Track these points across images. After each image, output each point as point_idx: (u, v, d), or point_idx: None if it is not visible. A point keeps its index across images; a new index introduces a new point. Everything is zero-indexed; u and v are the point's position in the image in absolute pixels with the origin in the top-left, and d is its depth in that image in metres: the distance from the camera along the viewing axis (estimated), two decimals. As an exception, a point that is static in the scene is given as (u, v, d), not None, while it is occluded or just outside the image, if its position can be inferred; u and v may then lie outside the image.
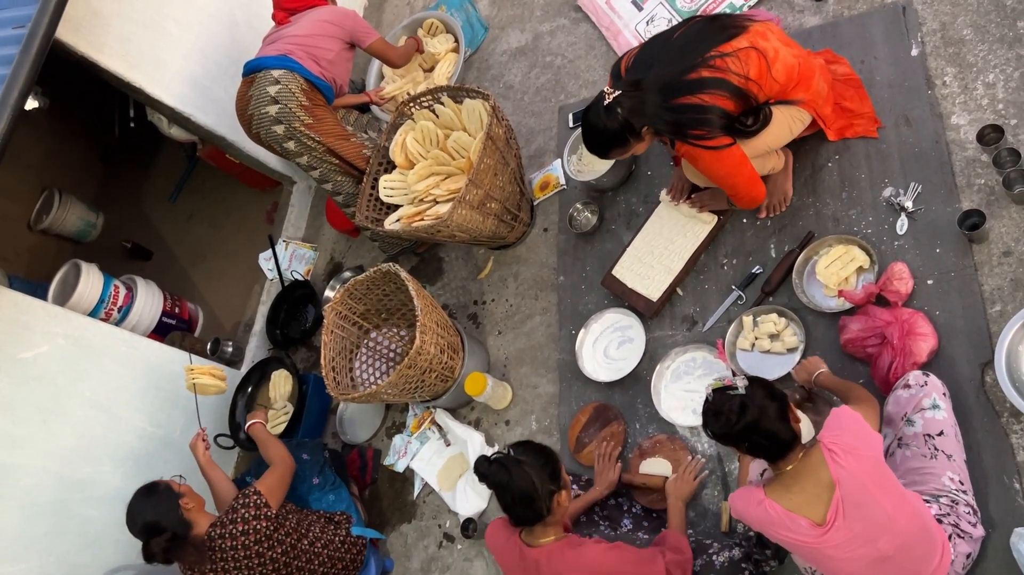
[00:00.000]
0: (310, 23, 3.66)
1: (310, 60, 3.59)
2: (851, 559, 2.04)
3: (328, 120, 3.64)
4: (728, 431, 2.07)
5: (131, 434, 3.57)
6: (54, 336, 3.31)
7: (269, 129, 3.58)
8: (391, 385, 3.01)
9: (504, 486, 2.25)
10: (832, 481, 2.01)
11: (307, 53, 3.59)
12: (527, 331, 3.49)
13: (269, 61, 3.56)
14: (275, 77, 3.52)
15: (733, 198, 2.80)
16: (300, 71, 3.55)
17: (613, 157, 2.75)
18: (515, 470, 2.24)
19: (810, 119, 2.79)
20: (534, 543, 2.34)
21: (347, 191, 3.84)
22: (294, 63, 3.54)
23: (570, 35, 4.00)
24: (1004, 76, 2.74)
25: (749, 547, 2.50)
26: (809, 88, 2.70)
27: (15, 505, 3.16)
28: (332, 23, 3.67)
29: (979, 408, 2.40)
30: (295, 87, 3.52)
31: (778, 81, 2.61)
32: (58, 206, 5.35)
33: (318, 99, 3.62)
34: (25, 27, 2.94)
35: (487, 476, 2.29)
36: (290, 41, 3.61)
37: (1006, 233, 2.56)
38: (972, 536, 2.16)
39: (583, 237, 3.45)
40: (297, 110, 3.53)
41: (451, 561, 3.27)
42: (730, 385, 2.10)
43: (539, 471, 2.25)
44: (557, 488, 2.28)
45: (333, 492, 3.34)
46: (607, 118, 2.57)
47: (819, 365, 2.52)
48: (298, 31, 3.64)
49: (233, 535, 2.85)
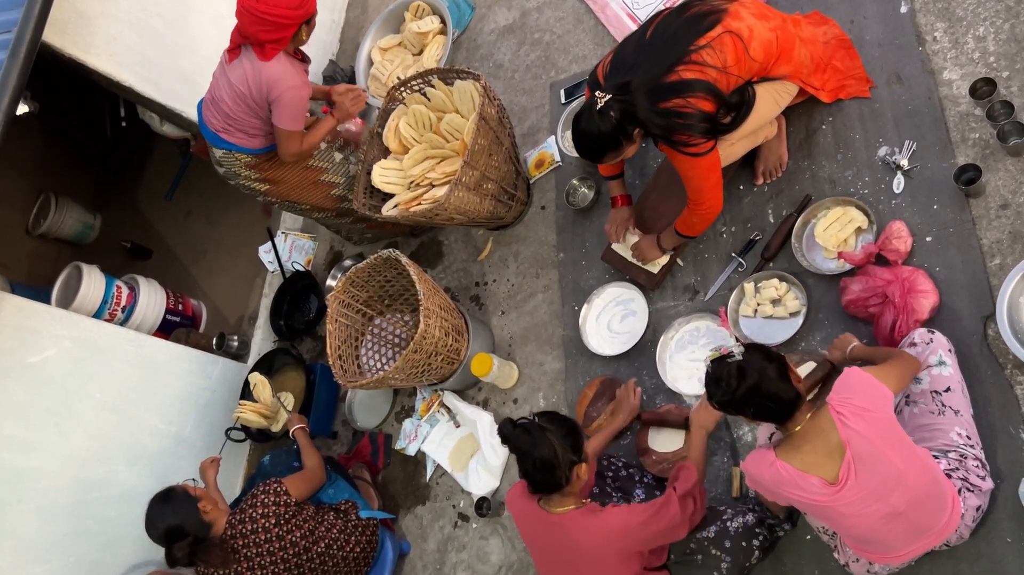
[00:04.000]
0: (230, 89, 3.16)
1: (244, 136, 3.29)
2: (864, 515, 2.06)
3: (288, 178, 3.50)
4: (731, 397, 2.09)
5: (143, 433, 3.60)
6: (60, 339, 3.32)
7: (238, 184, 3.54)
8: (398, 370, 3.03)
9: (526, 452, 2.27)
10: (842, 442, 2.03)
11: (239, 129, 3.26)
12: (530, 309, 3.50)
13: (209, 136, 3.34)
14: (218, 158, 3.41)
15: (692, 201, 2.77)
16: (238, 150, 3.34)
17: (607, 162, 2.76)
18: (539, 436, 2.25)
19: (796, 90, 2.78)
20: (552, 511, 2.36)
21: (328, 222, 3.92)
22: (231, 145, 3.31)
23: (557, 10, 3.98)
24: (994, 28, 2.73)
25: (762, 512, 2.53)
26: (791, 60, 2.69)
27: (33, 508, 3.20)
28: (247, 91, 3.12)
29: (983, 362, 2.41)
30: (239, 167, 3.41)
31: (756, 60, 2.59)
32: (55, 210, 5.35)
33: (270, 164, 3.42)
34: (11, 32, 2.94)
35: (510, 439, 2.30)
36: (221, 110, 3.23)
37: (1003, 186, 2.56)
38: (981, 489, 2.18)
39: (581, 213, 3.46)
40: (251, 183, 3.48)
41: (467, 540, 3.31)
42: (727, 353, 2.12)
43: (562, 440, 2.26)
44: (578, 459, 2.29)
45: (331, 487, 3.38)
46: (600, 121, 2.56)
47: (851, 340, 2.49)
48: (224, 99, 3.20)
49: (253, 519, 2.90)
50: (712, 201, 2.75)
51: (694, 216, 2.82)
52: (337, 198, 3.70)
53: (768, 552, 2.56)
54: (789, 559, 2.56)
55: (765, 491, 2.22)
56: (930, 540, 2.14)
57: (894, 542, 2.13)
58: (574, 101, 3.52)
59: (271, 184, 3.50)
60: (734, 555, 2.46)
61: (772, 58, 2.63)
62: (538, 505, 2.39)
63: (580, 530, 2.32)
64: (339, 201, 3.71)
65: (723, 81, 2.53)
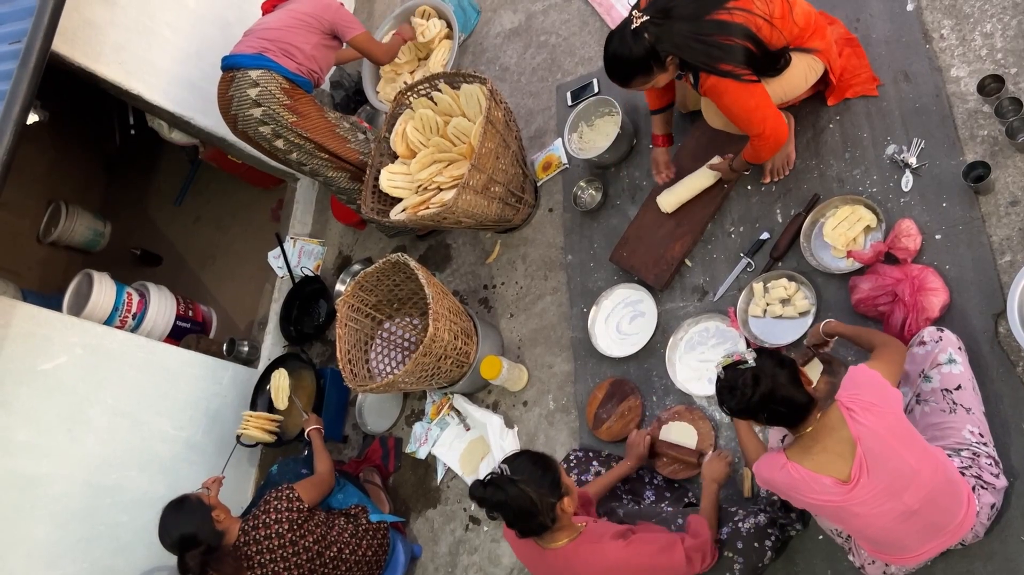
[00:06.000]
0: (287, 15, 3.60)
1: (285, 57, 3.53)
2: (877, 514, 2.05)
3: (313, 115, 3.63)
4: (746, 405, 2.08)
5: (154, 438, 3.62)
6: (72, 346, 3.34)
7: (256, 129, 3.58)
8: (408, 374, 3.04)
9: (503, 506, 2.19)
10: (853, 439, 2.02)
11: (281, 49, 3.53)
12: (539, 312, 3.51)
13: (246, 60, 3.50)
14: (253, 79, 3.48)
15: (758, 137, 2.67)
16: (277, 70, 3.50)
17: (635, 87, 2.68)
18: (511, 489, 2.16)
19: (823, 69, 2.78)
20: (548, 547, 2.30)
21: (341, 186, 3.85)
22: (270, 62, 3.49)
23: (563, 13, 3.98)
24: (1001, 25, 2.72)
25: (774, 512, 2.52)
26: (824, 38, 2.71)
27: (47, 514, 3.21)
28: (310, 15, 3.59)
29: (994, 359, 2.40)
30: (274, 87, 3.49)
31: (798, 24, 2.61)
32: (65, 218, 5.39)
33: (299, 95, 3.60)
34: (21, 42, 2.96)
35: (484, 500, 2.21)
36: (265, 36, 3.55)
37: (1012, 182, 2.55)
38: (995, 487, 2.17)
39: (589, 214, 3.46)
40: (280, 110, 3.52)
41: (478, 543, 3.31)
42: (739, 360, 2.11)
43: (536, 485, 2.18)
44: (558, 498, 2.22)
45: (340, 492, 3.39)
46: (633, 43, 2.50)
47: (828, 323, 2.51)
48: (274, 23, 3.59)
49: (267, 524, 2.90)
50: (779, 130, 2.65)
51: (763, 146, 2.71)
52: (357, 151, 3.73)
53: (780, 552, 2.55)
54: (801, 559, 2.55)
55: (779, 493, 2.21)
56: (945, 539, 2.13)
57: (909, 542, 2.12)
58: (581, 104, 3.53)
59: (298, 116, 3.57)
60: (747, 556, 2.45)
61: (810, 29, 2.65)
62: (534, 543, 2.33)
63: (580, 562, 2.27)
64: (359, 155, 3.73)
65: (766, 31, 2.51)
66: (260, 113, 3.52)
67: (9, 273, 5.13)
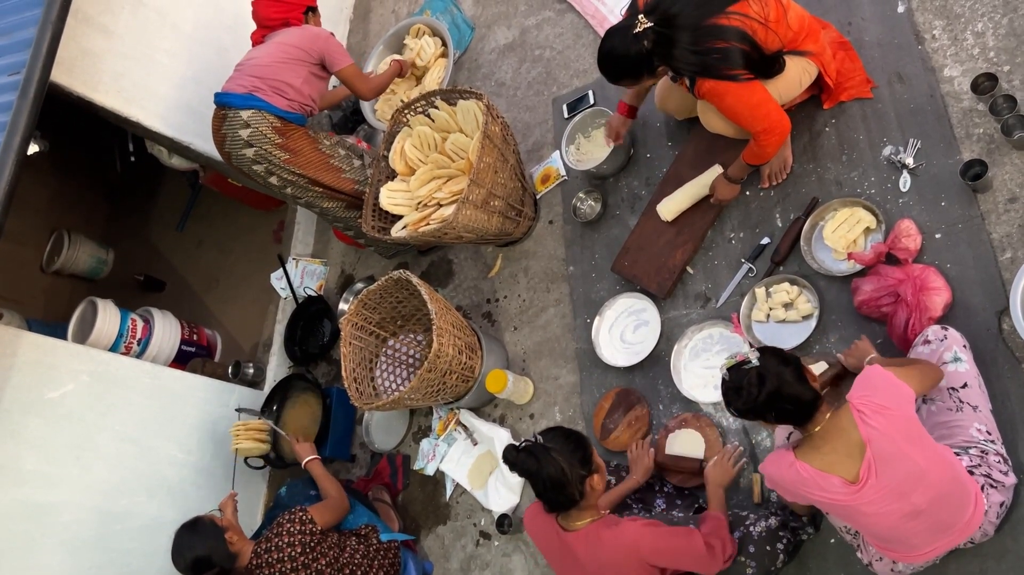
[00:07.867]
0: (276, 48, 3.55)
1: (276, 95, 3.50)
2: (885, 514, 2.05)
3: (306, 150, 3.62)
4: (752, 404, 2.08)
5: (163, 463, 3.62)
6: (78, 374, 3.35)
7: (250, 167, 3.60)
8: (413, 390, 3.04)
9: (534, 474, 2.27)
10: (862, 441, 2.02)
11: (272, 87, 3.49)
12: (542, 324, 3.51)
13: (236, 100, 3.48)
14: (244, 120, 3.47)
15: (764, 132, 2.66)
16: (268, 109, 3.48)
17: (622, 85, 2.78)
18: (544, 457, 2.25)
19: (817, 72, 2.80)
20: (570, 527, 2.36)
21: (337, 215, 3.87)
22: (261, 102, 3.46)
23: (556, 27, 4.01)
24: (992, 23, 2.74)
25: (785, 515, 2.52)
26: (817, 41, 2.74)
27: (57, 542, 3.21)
28: (299, 47, 3.54)
29: (1000, 356, 2.40)
30: (265, 127, 3.49)
31: (792, 28, 2.64)
32: (68, 246, 5.41)
33: (292, 131, 3.57)
34: (20, 73, 2.98)
35: (516, 464, 2.30)
36: (254, 72, 3.51)
37: (1010, 179, 2.56)
38: (1004, 485, 2.16)
39: (589, 225, 3.47)
40: (272, 149, 3.52)
41: (490, 558, 3.30)
42: (743, 360, 2.12)
43: (569, 457, 2.26)
44: (588, 472, 2.29)
45: (350, 511, 3.36)
46: (632, 44, 2.54)
47: (869, 350, 2.43)
48: (263, 58, 3.53)
49: (279, 547, 2.89)
50: (783, 123, 2.67)
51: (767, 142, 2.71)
52: (352, 180, 3.74)
53: (792, 555, 2.54)
54: (814, 563, 2.54)
55: (785, 492, 2.21)
56: (953, 538, 2.12)
57: (917, 540, 2.12)
58: (577, 116, 3.55)
59: (290, 153, 3.57)
60: (759, 560, 2.44)
61: (803, 32, 2.68)
62: (556, 523, 2.39)
63: (599, 543, 2.31)
64: (355, 184, 3.74)
65: (761, 34, 2.54)
66: (252, 153, 3.54)
67: (13, 303, 5.15)
